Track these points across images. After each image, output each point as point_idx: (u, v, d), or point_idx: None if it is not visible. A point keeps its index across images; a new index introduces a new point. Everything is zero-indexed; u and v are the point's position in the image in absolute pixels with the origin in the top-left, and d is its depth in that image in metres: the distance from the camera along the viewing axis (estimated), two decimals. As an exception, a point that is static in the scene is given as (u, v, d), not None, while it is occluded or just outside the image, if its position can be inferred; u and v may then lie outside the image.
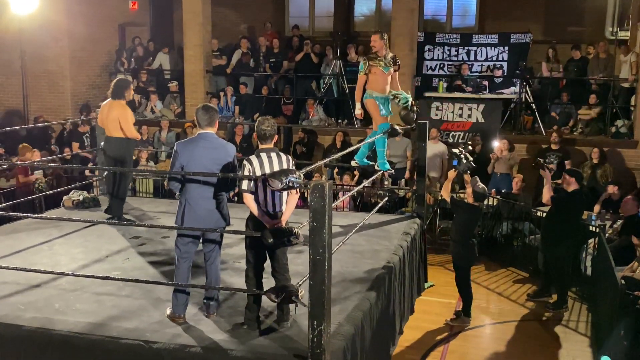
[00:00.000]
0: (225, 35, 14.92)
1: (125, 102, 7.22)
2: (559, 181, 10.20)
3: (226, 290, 4.92)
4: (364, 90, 7.32)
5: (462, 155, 7.20)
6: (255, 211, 4.53)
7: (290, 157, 4.68)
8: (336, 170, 11.47)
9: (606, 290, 7.26)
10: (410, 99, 7.32)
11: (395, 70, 7.39)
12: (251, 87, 13.92)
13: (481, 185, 7.49)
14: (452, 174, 7.46)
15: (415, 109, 7.36)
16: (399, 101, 7.27)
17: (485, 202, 10.11)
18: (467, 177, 7.35)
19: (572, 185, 7.99)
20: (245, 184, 4.52)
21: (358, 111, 7.46)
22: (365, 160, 7.60)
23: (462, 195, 7.57)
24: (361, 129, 12.17)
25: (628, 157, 11.38)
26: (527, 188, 10.74)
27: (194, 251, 4.81)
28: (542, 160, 8.56)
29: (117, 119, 7.05)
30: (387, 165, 7.50)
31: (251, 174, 4.50)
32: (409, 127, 7.68)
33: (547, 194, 8.05)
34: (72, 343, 4.41)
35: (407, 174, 11.23)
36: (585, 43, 13.07)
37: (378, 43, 7.22)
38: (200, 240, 4.81)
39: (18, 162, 9.67)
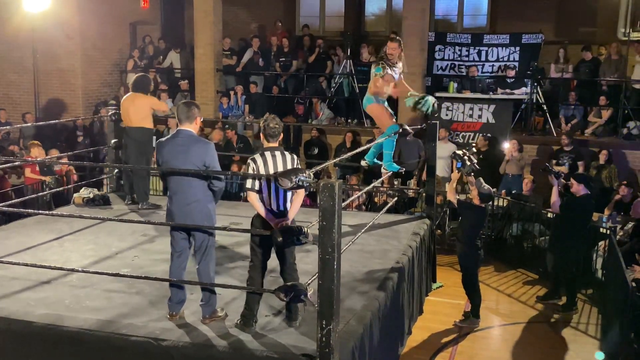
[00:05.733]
0: (235, 34, 14.96)
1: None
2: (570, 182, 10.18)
3: (230, 287, 4.89)
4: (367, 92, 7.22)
5: (465, 157, 7.18)
6: (260, 210, 4.53)
7: (295, 156, 4.67)
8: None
9: (617, 292, 7.22)
10: (432, 102, 7.14)
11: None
12: (261, 86, 13.94)
13: (486, 186, 7.47)
14: (455, 175, 7.45)
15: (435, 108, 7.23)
16: (422, 106, 7.12)
17: (496, 202, 10.11)
18: (471, 178, 7.32)
19: (581, 191, 7.93)
20: (249, 183, 4.51)
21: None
22: (375, 160, 7.58)
23: (469, 196, 7.54)
24: (371, 129, 12.16)
25: (640, 159, 11.32)
26: (537, 189, 10.68)
27: (186, 250, 4.76)
28: (549, 165, 8.47)
29: (143, 108, 7.49)
30: (395, 166, 7.47)
31: (255, 173, 4.50)
32: (419, 127, 7.67)
33: (555, 204, 7.94)
34: (82, 339, 4.43)
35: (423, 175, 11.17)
36: (598, 44, 13.00)
37: (396, 51, 7.07)
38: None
39: (29, 158, 9.74)
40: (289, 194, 4.55)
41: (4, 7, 13.25)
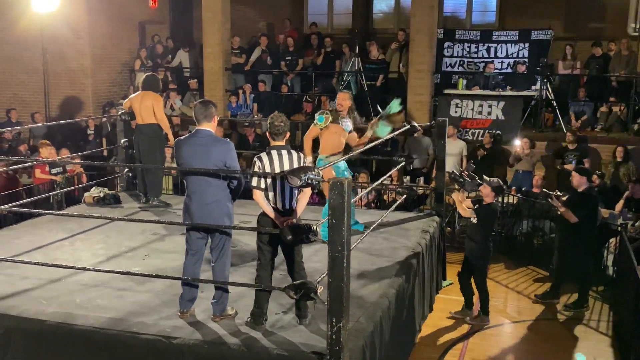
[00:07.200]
0: (244, 32, 14.97)
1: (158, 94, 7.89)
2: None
3: (241, 286, 4.89)
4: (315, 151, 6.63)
5: (464, 174, 7.20)
6: (265, 208, 4.53)
7: (302, 155, 4.67)
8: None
9: (628, 289, 7.17)
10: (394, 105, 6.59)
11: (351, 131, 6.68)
12: (269, 85, 13.96)
13: (494, 179, 7.50)
14: (456, 195, 7.42)
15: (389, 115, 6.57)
16: (389, 112, 6.56)
17: (506, 199, 10.09)
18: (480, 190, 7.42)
19: (582, 185, 7.89)
20: (255, 181, 4.52)
21: (310, 159, 6.51)
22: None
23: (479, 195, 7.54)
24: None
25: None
26: (547, 186, 10.63)
27: (202, 249, 4.77)
28: (547, 191, 8.43)
29: (151, 106, 7.60)
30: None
31: (261, 171, 4.51)
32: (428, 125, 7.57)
33: (571, 217, 7.84)
34: (93, 338, 4.46)
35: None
36: (607, 39, 12.92)
37: (346, 103, 6.52)
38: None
39: (39, 158, 9.79)
40: (295, 192, 4.55)
41: (12, 7, 13.32)
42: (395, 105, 6.63)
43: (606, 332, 7.50)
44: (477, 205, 7.50)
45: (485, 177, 7.50)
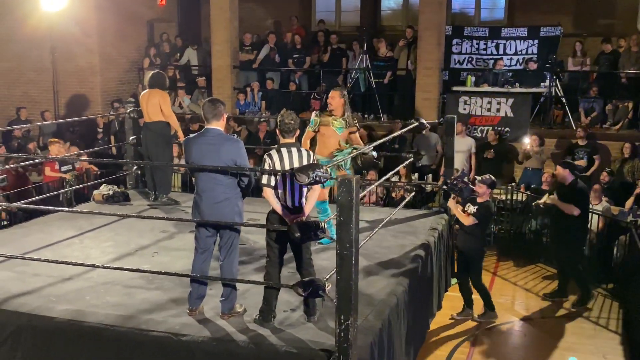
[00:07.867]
0: (252, 30, 14.97)
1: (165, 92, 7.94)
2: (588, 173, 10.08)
3: (249, 283, 4.91)
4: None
5: (459, 182, 7.19)
6: (275, 205, 4.54)
7: (311, 152, 4.66)
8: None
9: (638, 286, 7.14)
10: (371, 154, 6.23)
11: (352, 132, 6.38)
12: (278, 82, 13.96)
13: (486, 176, 7.47)
14: (452, 202, 7.39)
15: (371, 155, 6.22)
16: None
17: (515, 197, 10.06)
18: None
19: (567, 177, 7.85)
20: (265, 179, 4.52)
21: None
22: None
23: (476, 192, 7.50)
24: (387, 124, 12.13)
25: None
26: (557, 183, 10.58)
27: (210, 246, 4.77)
28: (538, 203, 8.44)
29: (157, 103, 7.67)
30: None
31: (271, 169, 4.51)
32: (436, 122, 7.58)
33: (574, 210, 7.82)
34: (103, 335, 4.48)
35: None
36: (617, 36, 12.84)
37: (336, 101, 6.24)
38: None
39: (49, 156, 9.84)
40: (305, 189, 4.55)
41: (21, 6, 13.38)
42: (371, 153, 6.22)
43: (616, 329, 7.48)
44: (468, 205, 7.43)
45: (477, 177, 7.51)
